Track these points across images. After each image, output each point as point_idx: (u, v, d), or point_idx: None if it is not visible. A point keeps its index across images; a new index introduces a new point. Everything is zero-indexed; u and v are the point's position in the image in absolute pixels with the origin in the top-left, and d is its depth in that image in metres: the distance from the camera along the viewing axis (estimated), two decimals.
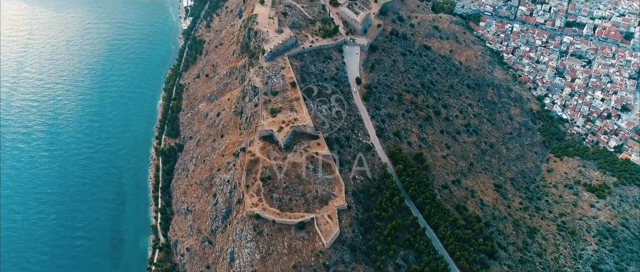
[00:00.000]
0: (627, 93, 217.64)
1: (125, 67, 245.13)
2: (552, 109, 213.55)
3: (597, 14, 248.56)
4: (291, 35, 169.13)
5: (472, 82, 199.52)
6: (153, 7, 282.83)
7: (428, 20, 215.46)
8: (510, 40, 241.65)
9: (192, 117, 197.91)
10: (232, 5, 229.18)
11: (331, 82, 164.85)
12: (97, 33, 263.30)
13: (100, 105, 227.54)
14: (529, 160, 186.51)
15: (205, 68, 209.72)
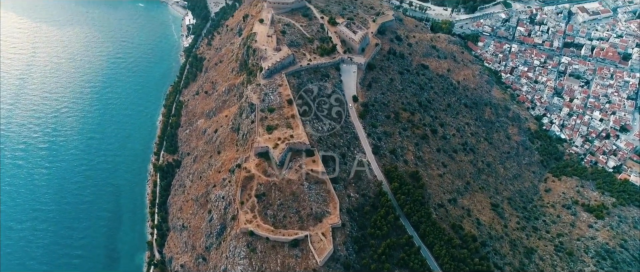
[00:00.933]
0: (625, 113, 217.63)
1: (126, 84, 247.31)
2: (551, 129, 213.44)
3: (595, 35, 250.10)
4: (289, 53, 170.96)
5: (469, 101, 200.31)
6: (156, 25, 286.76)
7: (426, 39, 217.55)
8: (508, 60, 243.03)
9: (191, 134, 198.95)
10: (233, 23, 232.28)
11: (328, 100, 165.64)
12: (100, 50, 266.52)
13: (100, 121, 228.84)
14: (527, 179, 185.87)
15: (205, 85, 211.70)
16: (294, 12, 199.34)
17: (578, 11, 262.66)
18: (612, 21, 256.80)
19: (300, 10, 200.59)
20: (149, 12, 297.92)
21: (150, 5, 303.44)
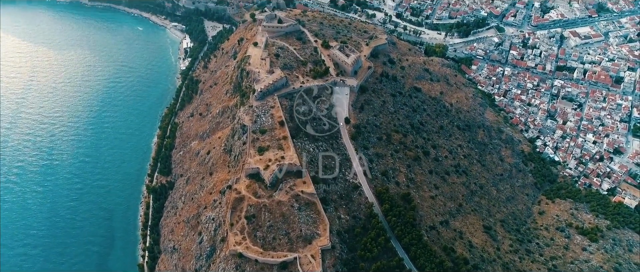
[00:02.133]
0: (618, 136, 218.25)
1: (122, 107, 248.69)
2: (544, 151, 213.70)
3: (587, 58, 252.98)
4: (282, 75, 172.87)
5: (462, 124, 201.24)
6: (154, 49, 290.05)
7: (419, 62, 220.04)
8: (501, 83, 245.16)
9: (184, 155, 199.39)
10: (228, 47, 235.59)
11: (320, 121, 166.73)
12: (98, 73, 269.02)
13: (95, 144, 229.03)
14: (520, 202, 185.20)
15: (199, 107, 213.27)
16: (288, 35, 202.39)
17: (570, 35, 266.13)
18: (604, 45, 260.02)
19: (294, 34, 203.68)
20: (148, 36, 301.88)
21: (149, 29, 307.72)
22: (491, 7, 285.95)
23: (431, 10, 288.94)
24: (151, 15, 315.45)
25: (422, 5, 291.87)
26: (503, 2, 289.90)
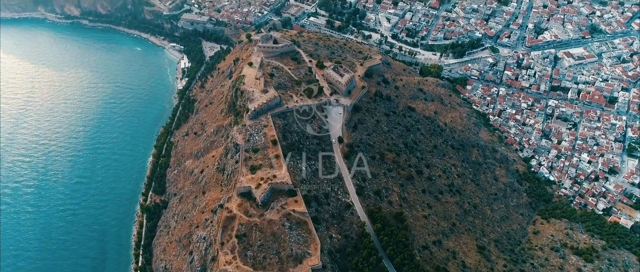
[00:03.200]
0: (613, 156, 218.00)
1: (119, 126, 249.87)
2: (539, 171, 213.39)
3: (581, 79, 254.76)
4: (275, 95, 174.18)
5: (456, 143, 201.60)
6: (152, 69, 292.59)
7: (413, 82, 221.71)
8: (496, 103, 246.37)
9: (178, 174, 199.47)
10: (224, 66, 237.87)
11: (313, 140, 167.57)
12: (96, 92, 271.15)
13: (90, 162, 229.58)
14: (515, 221, 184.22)
15: (195, 126, 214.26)
16: (283, 55, 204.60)
17: (564, 56, 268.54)
18: (597, 65, 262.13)
19: (289, 54, 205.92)
20: (146, 56, 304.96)
21: (147, 50, 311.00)
22: (485, 28, 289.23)
23: (426, 31, 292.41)
24: (150, 36, 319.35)
25: (417, 26, 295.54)
26: (497, 23, 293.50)
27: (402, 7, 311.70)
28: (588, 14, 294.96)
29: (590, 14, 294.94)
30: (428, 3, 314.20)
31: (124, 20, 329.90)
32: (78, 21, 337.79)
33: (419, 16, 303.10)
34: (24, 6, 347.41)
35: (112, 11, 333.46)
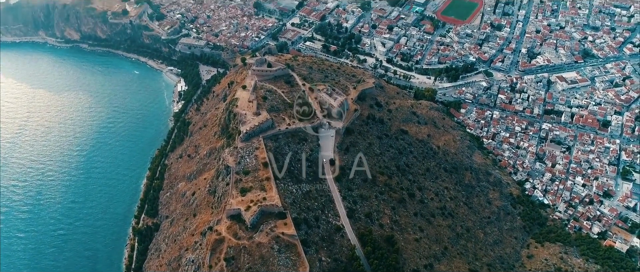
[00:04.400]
0: (608, 179, 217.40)
1: (114, 148, 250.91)
2: (533, 194, 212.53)
3: (574, 102, 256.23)
4: (268, 117, 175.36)
5: (449, 166, 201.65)
6: (149, 92, 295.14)
7: (406, 106, 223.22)
8: (490, 126, 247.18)
9: (171, 197, 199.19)
10: (219, 90, 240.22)
11: (305, 163, 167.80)
12: (92, 115, 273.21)
13: (84, 185, 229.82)
14: (508, 245, 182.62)
15: (188, 148, 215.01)
16: (277, 79, 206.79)
17: (557, 80, 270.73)
18: (591, 89, 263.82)
19: (283, 77, 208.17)
20: (144, 79, 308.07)
21: (145, 73, 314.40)
22: (479, 53, 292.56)
23: (421, 55, 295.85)
24: (148, 60, 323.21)
25: (412, 51, 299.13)
26: (491, 48, 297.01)
27: (397, 32, 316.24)
28: (580, 39, 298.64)
29: (582, 39, 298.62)
30: (423, 28, 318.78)
31: (123, 44, 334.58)
32: (78, 45, 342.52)
33: (414, 41, 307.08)
34: (25, 30, 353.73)
35: (111, 35, 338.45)
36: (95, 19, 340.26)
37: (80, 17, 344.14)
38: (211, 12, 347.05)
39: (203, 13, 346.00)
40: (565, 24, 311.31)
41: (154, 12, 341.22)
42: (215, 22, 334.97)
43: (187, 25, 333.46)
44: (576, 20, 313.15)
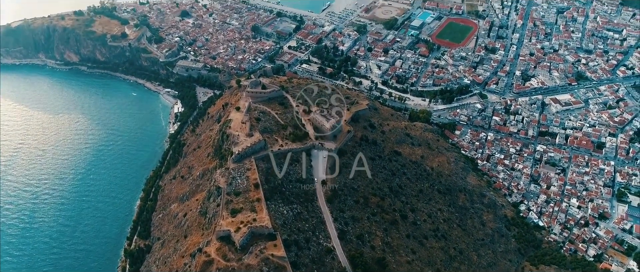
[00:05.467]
0: (603, 201, 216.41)
1: (109, 170, 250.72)
2: (528, 216, 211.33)
3: (568, 124, 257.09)
4: (260, 138, 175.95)
5: (443, 187, 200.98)
6: (145, 114, 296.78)
7: (400, 127, 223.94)
8: (484, 148, 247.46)
9: (163, 218, 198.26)
10: (214, 111, 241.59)
11: (296, 184, 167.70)
12: (88, 136, 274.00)
13: (77, 206, 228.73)
14: (502, 268, 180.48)
15: (182, 169, 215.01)
16: (271, 101, 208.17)
17: (551, 102, 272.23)
18: (584, 111, 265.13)
19: (277, 99, 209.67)
20: (141, 101, 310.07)
21: (142, 95, 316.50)
22: (474, 75, 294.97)
23: (416, 77, 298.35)
24: (146, 82, 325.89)
25: (407, 73, 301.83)
26: (485, 70, 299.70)
27: (393, 55, 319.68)
28: (574, 61, 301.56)
29: (575, 61, 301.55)
30: (418, 51, 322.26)
31: (121, 66, 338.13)
32: (77, 67, 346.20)
33: (409, 63, 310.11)
34: (26, 53, 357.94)
35: (110, 58, 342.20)
36: (94, 42, 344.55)
37: (80, 40, 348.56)
38: (209, 36, 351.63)
39: (201, 36, 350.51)
40: (558, 47, 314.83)
41: (153, 35, 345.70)
42: (213, 45, 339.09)
43: (186, 48, 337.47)
44: (569, 43, 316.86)
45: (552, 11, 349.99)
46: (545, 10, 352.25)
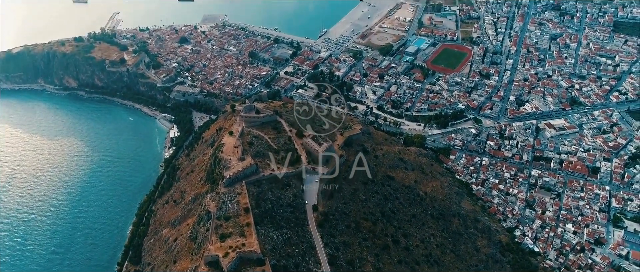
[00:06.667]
0: (599, 226, 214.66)
1: (103, 194, 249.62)
2: (523, 241, 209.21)
3: (563, 149, 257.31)
4: (252, 162, 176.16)
5: (436, 212, 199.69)
6: (141, 138, 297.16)
7: (394, 152, 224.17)
8: (479, 173, 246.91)
9: (154, 243, 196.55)
10: (208, 135, 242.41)
11: (287, 209, 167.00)
12: (83, 162, 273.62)
13: (70, 231, 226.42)
14: None
15: (174, 194, 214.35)
16: (264, 125, 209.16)
17: (545, 127, 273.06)
18: (579, 136, 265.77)
19: (270, 123, 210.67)
20: (137, 125, 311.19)
21: (139, 120, 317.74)
22: (468, 101, 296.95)
23: (411, 103, 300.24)
24: (143, 107, 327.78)
25: (402, 98, 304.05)
26: (480, 95, 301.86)
27: (388, 80, 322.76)
28: (567, 87, 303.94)
29: (569, 87, 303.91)
30: (413, 77, 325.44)
31: (119, 91, 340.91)
32: (75, 92, 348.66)
33: (404, 89, 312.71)
34: (25, 78, 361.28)
35: (108, 83, 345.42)
36: (93, 68, 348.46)
37: (79, 66, 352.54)
38: (207, 61, 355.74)
39: (199, 62, 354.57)
40: (552, 73, 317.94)
41: (151, 61, 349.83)
42: (210, 71, 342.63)
43: (183, 73, 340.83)
44: (563, 69, 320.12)
45: (545, 38, 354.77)
46: (538, 36, 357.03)
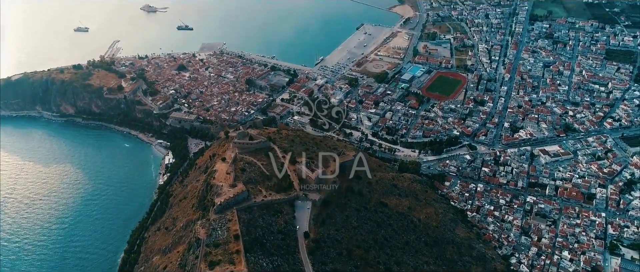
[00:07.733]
0: (595, 253, 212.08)
1: (95, 221, 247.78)
2: (519, 269, 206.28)
3: (558, 175, 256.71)
4: (243, 189, 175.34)
5: (430, 239, 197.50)
6: (136, 165, 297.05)
7: (387, 178, 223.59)
8: (474, 199, 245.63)
9: (144, 271, 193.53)
10: (201, 162, 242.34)
11: (278, 235, 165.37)
12: (77, 188, 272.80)
13: (60, 259, 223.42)
14: None
15: (166, 221, 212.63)
16: (257, 151, 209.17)
17: (540, 153, 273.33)
18: (574, 163, 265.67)
19: (263, 150, 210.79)
20: (133, 152, 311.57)
21: (135, 146, 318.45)
22: (463, 127, 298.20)
23: (406, 129, 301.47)
24: (139, 133, 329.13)
25: (397, 125, 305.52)
26: (474, 122, 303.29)
27: (383, 107, 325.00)
28: (561, 113, 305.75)
29: (563, 113, 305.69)
30: (408, 103, 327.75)
31: (116, 118, 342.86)
32: (72, 119, 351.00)
33: (399, 115, 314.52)
34: (23, 105, 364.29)
35: (105, 110, 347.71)
36: (91, 94, 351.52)
37: (77, 93, 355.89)
38: (204, 88, 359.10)
39: (196, 89, 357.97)
40: (546, 100, 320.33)
41: (148, 88, 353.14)
42: (207, 98, 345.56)
43: (180, 100, 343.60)
44: (556, 96, 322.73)
45: (539, 65, 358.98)
46: (531, 64, 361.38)
